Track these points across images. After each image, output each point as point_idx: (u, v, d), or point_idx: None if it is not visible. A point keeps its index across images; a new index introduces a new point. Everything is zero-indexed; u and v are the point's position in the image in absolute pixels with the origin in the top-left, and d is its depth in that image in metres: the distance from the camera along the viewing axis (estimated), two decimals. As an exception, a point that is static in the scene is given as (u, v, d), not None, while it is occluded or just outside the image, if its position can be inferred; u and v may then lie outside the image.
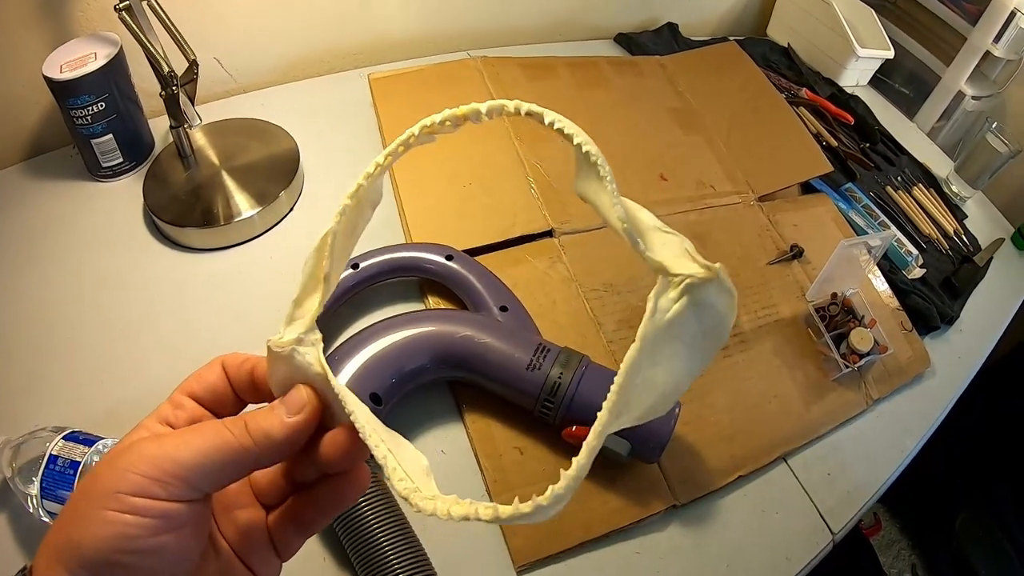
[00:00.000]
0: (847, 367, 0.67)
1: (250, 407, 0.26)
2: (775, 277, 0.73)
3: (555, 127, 0.23)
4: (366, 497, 0.46)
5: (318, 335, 0.25)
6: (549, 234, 0.68)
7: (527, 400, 0.53)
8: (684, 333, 0.24)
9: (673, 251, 0.24)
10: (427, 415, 0.56)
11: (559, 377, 0.51)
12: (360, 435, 0.24)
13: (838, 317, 0.70)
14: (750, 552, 0.55)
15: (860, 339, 0.68)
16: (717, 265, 0.23)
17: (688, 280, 0.23)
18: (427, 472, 0.25)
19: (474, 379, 0.54)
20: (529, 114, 0.23)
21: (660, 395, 0.24)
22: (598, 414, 0.23)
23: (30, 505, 0.44)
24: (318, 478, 0.26)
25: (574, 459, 0.22)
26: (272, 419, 0.24)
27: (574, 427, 0.52)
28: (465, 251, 0.62)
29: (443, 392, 0.57)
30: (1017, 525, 1.12)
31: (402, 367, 0.51)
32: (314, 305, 0.25)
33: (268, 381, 0.26)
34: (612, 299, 0.64)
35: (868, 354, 0.67)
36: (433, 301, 0.61)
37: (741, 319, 0.68)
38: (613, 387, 0.23)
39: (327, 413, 0.25)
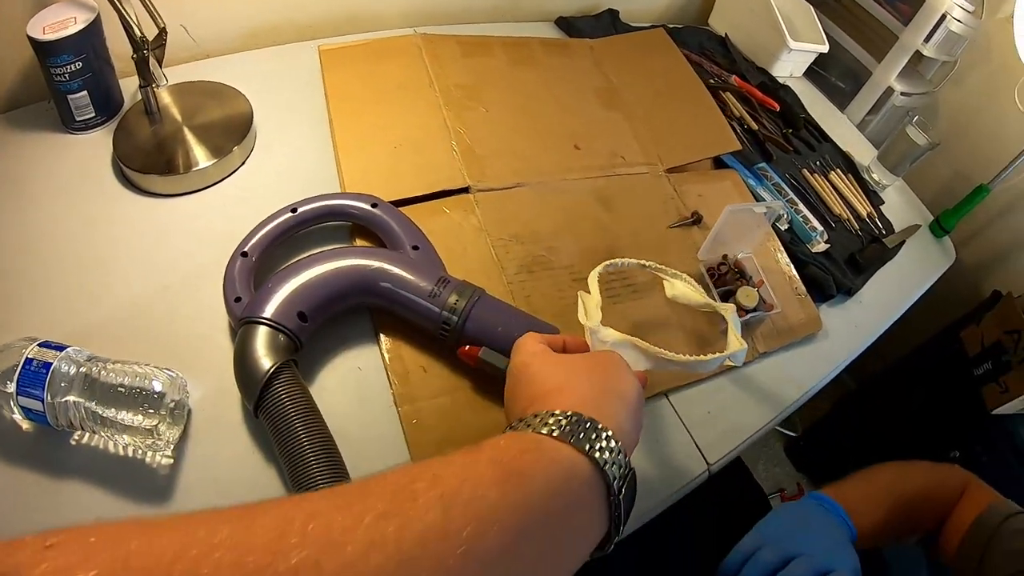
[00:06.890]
0: (730, 319, 0.81)
1: None
2: (675, 240, 0.88)
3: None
4: (296, 405, 0.57)
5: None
6: (466, 190, 0.82)
7: (429, 324, 0.66)
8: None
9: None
10: (350, 337, 0.70)
11: (455, 303, 0.65)
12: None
13: (727, 276, 0.85)
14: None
15: (746, 296, 0.82)
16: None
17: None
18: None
19: (386, 305, 0.68)
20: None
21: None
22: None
23: (5, 407, 0.55)
24: None
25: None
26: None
27: (467, 346, 0.66)
28: (392, 202, 0.76)
29: (364, 318, 0.71)
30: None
31: (326, 292, 0.65)
32: (598, 315, 0.60)
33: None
34: (516, 247, 0.78)
35: (754, 310, 0.82)
36: (359, 242, 0.75)
37: (637, 274, 0.83)
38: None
39: None
